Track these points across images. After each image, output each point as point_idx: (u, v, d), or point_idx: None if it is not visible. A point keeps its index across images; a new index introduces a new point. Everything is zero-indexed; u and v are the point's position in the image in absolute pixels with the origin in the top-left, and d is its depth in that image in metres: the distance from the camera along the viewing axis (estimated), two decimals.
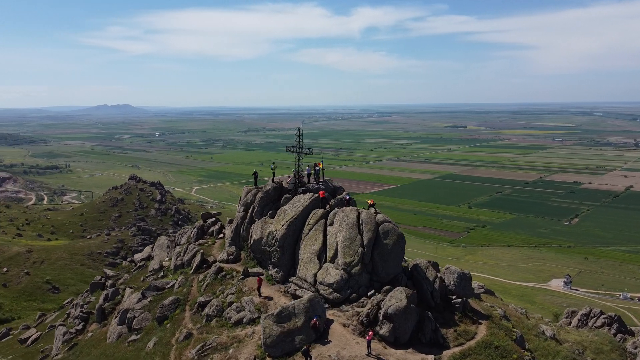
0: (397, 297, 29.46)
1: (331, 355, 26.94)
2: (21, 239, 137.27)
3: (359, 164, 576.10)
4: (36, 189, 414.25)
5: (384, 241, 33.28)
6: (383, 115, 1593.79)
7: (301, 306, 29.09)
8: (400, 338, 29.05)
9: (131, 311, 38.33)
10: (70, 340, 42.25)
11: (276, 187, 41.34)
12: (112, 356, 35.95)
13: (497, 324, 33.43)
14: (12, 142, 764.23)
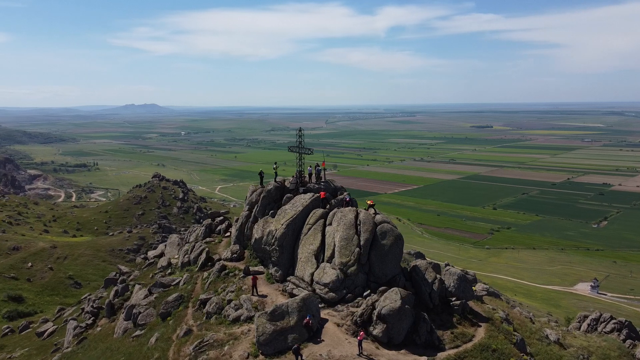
0: (391, 298, 29.39)
1: (322, 355, 27.01)
2: (47, 235, 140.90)
3: (382, 164, 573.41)
4: (65, 186, 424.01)
5: (381, 242, 33.25)
6: (407, 115, 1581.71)
7: (294, 305, 29.25)
8: (394, 339, 28.97)
9: (137, 307, 39.10)
10: (80, 334, 43.39)
11: (278, 187, 41.68)
12: (117, 350, 36.61)
13: (497, 327, 33.00)
14: (44, 141, 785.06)
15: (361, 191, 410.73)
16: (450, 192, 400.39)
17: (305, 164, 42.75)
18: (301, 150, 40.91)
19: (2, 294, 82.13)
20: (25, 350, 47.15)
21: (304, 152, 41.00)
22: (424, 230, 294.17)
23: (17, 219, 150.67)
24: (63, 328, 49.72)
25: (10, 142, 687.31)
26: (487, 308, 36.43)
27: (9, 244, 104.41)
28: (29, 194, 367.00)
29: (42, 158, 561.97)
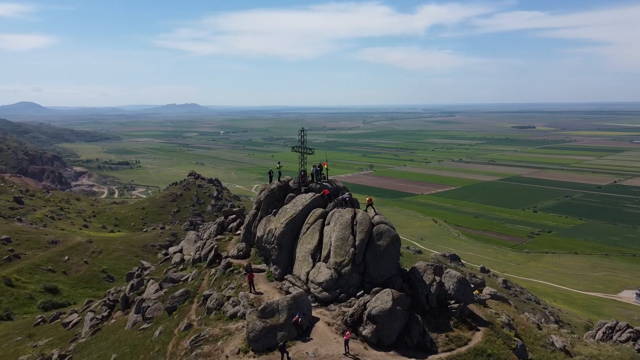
0: (382, 299, 29.30)
1: (308, 353, 27.21)
2: (87, 229, 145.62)
3: (419, 164, 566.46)
4: (108, 183, 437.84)
5: (377, 242, 33.14)
6: (446, 115, 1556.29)
7: (285, 303, 29.56)
8: (384, 340, 28.85)
9: (147, 301, 40.21)
10: (96, 326, 45.09)
11: (281, 186, 42.14)
12: (124, 342, 37.81)
13: (497, 332, 32.30)
14: (90, 139, 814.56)
15: (397, 191, 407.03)
16: (489, 194, 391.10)
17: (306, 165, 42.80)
18: (303, 150, 41.23)
19: (39, 285, 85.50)
20: (49, 340, 48.75)
21: (305, 152, 41.30)
22: (461, 233, 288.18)
23: (59, 214, 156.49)
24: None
25: (58, 141, 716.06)
26: (490, 312, 35.73)
27: (48, 237, 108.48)
28: (74, 190, 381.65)
29: (88, 156, 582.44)
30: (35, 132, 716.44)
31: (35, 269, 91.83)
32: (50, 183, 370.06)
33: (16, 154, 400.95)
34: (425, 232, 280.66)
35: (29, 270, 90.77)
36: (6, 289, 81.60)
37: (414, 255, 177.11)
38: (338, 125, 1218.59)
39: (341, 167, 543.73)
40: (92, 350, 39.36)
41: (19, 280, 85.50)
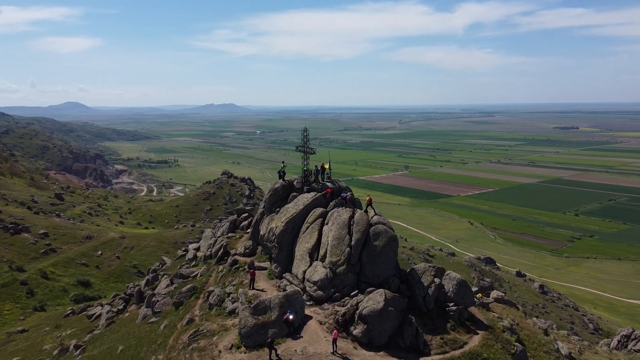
0: (375, 299, 29.25)
1: (297, 350, 27.47)
2: (122, 226, 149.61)
3: (456, 165, 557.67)
4: (147, 181, 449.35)
5: (373, 242, 33.09)
6: (485, 115, 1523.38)
7: (276, 301, 29.91)
8: (375, 340, 28.77)
9: (157, 295, 41.32)
10: (111, 318, 46.67)
11: (285, 186, 42.43)
12: (133, 334, 39.04)
13: (496, 336, 31.76)
14: (131, 138, 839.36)
15: (432, 193, 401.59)
16: (528, 196, 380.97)
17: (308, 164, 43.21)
18: (306, 150, 41.55)
19: (72, 278, 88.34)
20: (72, 331, 50.23)
21: (307, 152, 41.61)
22: (498, 235, 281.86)
23: (96, 210, 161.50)
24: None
25: (101, 139, 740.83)
26: (492, 316, 34.98)
27: (83, 233, 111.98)
28: (115, 187, 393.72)
29: (129, 154, 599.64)
30: (80, 131, 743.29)
31: (70, 263, 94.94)
32: (93, 180, 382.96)
33: (61, 152, 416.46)
34: (460, 234, 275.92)
35: (63, 263, 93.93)
36: (42, 281, 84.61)
37: (446, 258, 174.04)
38: (374, 125, 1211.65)
39: (376, 168, 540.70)
40: (104, 341, 40.75)
41: (54, 273, 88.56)
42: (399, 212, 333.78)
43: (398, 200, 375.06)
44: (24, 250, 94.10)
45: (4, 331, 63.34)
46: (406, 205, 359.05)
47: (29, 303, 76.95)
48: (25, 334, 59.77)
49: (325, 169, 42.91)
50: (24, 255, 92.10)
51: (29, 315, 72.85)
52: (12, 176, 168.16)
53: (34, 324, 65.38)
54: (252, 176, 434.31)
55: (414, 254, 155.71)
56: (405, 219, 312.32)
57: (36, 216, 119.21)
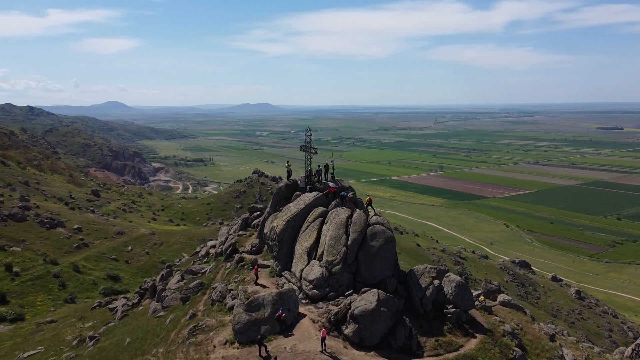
0: (367, 299, 29.21)
1: (286, 348, 27.71)
2: (155, 222, 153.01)
3: (492, 166, 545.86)
4: (183, 179, 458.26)
5: (370, 243, 33.00)
6: (524, 115, 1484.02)
7: (270, 298, 30.24)
8: (366, 340, 28.72)
9: (167, 290, 42.35)
10: (126, 312, 47.89)
11: (289, 185, 42.90)
12: (141, 327, 40.12)
13: (495, 340, 31.24)
14: (168, 137, 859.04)
15: (467, 194, 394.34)
16: (568, 199, 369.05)
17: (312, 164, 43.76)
18: (308, 150, 41.93)
19: (103, 272, 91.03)
20: (94, 322, 51.75)
21: (309, 152, 42.04)
22: (534, 239, 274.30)
23: (130, 207, 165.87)
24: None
25: (140, 138, 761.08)
26: (494, 320, 34.30)
27: (115, 228, 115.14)
28: (152, 185, 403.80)
29: (166, 152, 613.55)
30: (120, 129, 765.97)
31: (101, 257, 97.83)
32: (131, 178, 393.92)
33: (101, 150, 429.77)
34: (495, 237, 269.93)
35: (95, 258, 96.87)
36: (73, 274, 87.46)
37: (479, 260, 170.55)
38: (409, 125, 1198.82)
39: (409, 168, 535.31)
40: (116, 333, 41.99)
41: (85, 267, 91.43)
42: (432, 213, 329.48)
43: (431, 201, 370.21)
44: (58, 244, 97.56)
45: (35, 321, 65.80)
46: (440, 206, 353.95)
47: (61, 295, 79.74)
48: (54, 324, 61.89)
49: (329, 168, 43.02)
50: (58, 249, 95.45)
51: (60, 306, 75.43)
52: (52, 173, 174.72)
53: (63, 315, 67.60)
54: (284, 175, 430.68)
55: (445, 256, 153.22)
56: (438, 220, 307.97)
57: (71, 212, 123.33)
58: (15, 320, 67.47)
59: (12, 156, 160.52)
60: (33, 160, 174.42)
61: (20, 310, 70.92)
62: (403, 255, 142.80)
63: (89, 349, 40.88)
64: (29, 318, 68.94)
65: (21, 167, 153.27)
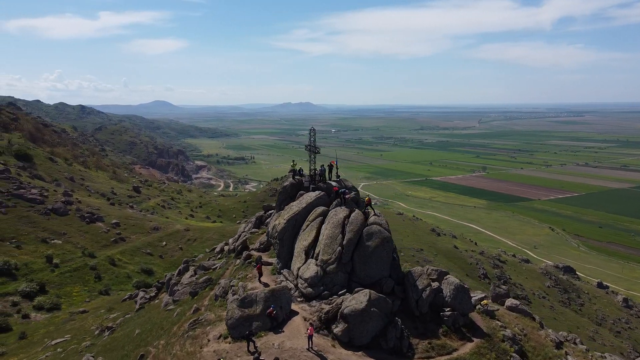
0: (358, 299, 29.12)
1: (274, 344, 28.03)
2: (192, 219, 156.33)
3: (538, 167, 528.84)
4: (225, 177, 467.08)
5: (365, 243, 32.87)
6: (573, 115, 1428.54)
7: (262, 295, 30.64)
8: (355, 340, 28.61)
9: (179, 285, 43.15)
10: (143, 304, 49.02)
11: (294, 184, 43.19)
12: (151, 320, 41.24)
13: (492, 345, 30.52)
14: (211, 135, 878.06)
15: (510, 196, 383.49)
16: (618, 203, 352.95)
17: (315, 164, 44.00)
18: (313, 150, 42.38)
19: (137, 266, 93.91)
20: (119, 313, 53.38)
21: (313, 152, 42.47)
22: (581, 243, 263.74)
23: (169, 203, 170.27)
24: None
25: (184, 136, 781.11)
26: (495, 324, 33.34)
27: (151, 224, 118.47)
28: (195, 182, 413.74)
29: (209, 151, 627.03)
30: (165, 128, 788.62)
31: (136, 252, 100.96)
32: (174, 175, 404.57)
33: (147, 148, 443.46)
34: (539, 241, 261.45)
35: (130, 252, 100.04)
36: (109, 267, 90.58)
37: (519, 264, 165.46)
38: (452, 124, 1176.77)
39: (451, 168, 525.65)
40: (130, 325, 43.55)
41: (120, 261, 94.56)
42: (474, 214, 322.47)
43: (473, 203, 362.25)
44: (97, 238, 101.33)
45: (68, 311, 68.50)
46: (482, 208, 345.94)
47: (96, 287, 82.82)
48: (85, 314, 64.31)
49: (333, 167, 43.15)
50: (96, 243, 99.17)
51: (94, 297, 78.35)
52: (97, 169, 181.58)
53: (95, 306, 70.17)
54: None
55: (483, 259, 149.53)
56: (479, 222, 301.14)
57: (111, 207, 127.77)
58: (51, 310, 70.56)
59: (60, 153, 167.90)
60: (79, 157, 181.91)
61: (57, 300, 74.07)
62: (439, 257, 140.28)
63: (103, 339, 42.37)
64: (64, 308, 71.90)
65: (68, 164, 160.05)
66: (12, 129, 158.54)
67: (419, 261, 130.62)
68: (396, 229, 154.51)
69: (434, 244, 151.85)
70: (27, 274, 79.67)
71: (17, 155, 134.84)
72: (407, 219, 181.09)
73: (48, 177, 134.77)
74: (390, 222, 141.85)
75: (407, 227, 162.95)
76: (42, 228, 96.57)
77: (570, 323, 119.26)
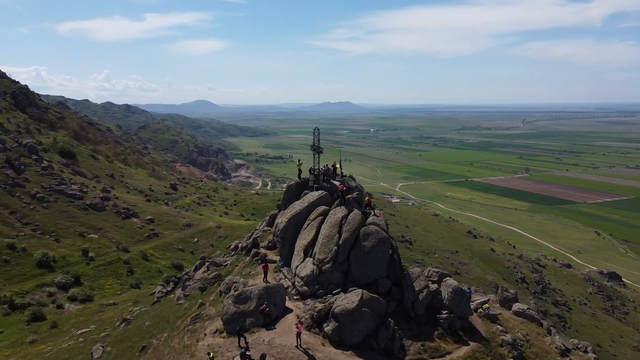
0: (350, 299, 29.10)
1: (264, 340, 28.36)
2: (226, 217, 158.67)
3: (585, 169, 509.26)
4: (263, 175, 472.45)
5: (362, 243, 32.79)
6: (624, 115, 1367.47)
7: (256, 292, 31.02)
8: (346, 339, 28.59)
9: (191, 280, 44.07)
10: (159, 298, 50.69)
11: (299, 183, 43.84)
12: (161, 313, 42.38)
13: (489, 349, 29.92)
14: (251, 134, 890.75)
15: (554, 198, 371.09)
16: None
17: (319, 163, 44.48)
18: (316, 149, 42.86)
19: (168, 261, 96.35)
20: (141, 306, 54.22)
21: (317, 151, 43.01)
22: (629, 249, 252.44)
23: (205, 201, 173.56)
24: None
25: (225, 135, 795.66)
26: (495, 329, 32.53)
27: (185, 220, 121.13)
28: (233, 180, 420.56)
29: (248, 150, 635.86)
30: (206, 127, 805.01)
31: (168, 247, 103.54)
32: (213, 173, 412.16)
33: (188, 146, 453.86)
34: (584, 245, 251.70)
35: (163, 247, 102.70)
36: (141, 262, 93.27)
37: (559, 269, 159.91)
38: (494, 124, 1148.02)
39: (493, 169, 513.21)
40: (144, 317, 44.81)
41: (153, 256, 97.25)
42: (515, 217, 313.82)
43: (515, 205, 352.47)
44: (131, 233, 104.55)
45: (99, 303, 70.84)
46: (524, 210, 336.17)
47: (128, 280, 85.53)
48: (113, 306, 66.44)
49: (337, 168, 43.47)
50: (130, 238, 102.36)
51: (125, 291, 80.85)
52: (137, 167, 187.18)
53: (125, 299, 72.37)
54: (362, 174, 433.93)
55: (521, 263, 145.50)
56: (521, 224, 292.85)
57: (147, 203, 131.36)
58: (84, 301, 73.40)
59: (102, 150, 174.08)
60: (120, 155, 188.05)
61: (90, 292, 76.98)
62: (475, 260, 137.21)
63: (119, 330, 43.59)
64: (96, 300, 74.61)
65: (109, 161, 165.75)
66: (58, 127, 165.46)
67: (454, 263, 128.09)
68: (430, 230, 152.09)
69: (470, 246, 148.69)
70: (64, 266, 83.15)
71: (61, 153, 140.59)
72: (443, 221, 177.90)
73: (89, 174, 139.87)
74: (424, 223, 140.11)
75: (443, 229, 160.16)
76: (80, 222, 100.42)
77: (613, 332, 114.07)
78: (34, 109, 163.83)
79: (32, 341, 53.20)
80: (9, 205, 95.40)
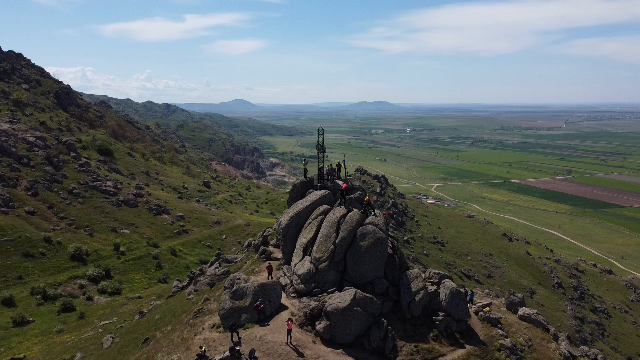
0: (342, 298, 29.24)
1: (256, 336, 28.68)
2: (257, 215, 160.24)
3: (631, 171, 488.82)
4: (298, 174, 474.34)
5: (359, 242, 32.77)
6: None
7: (252, 288, 31.42)
8: (338, 338, 28.68)
9: (202, 276, 44.94)
10: (174, 293, 52.31)
11: (304, 183, 44.06)
12: (172, 307, 43.42)
13: (485, 354, 29.42)
14: (287, 133, 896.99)
15: (597, 201, 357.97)
16: None
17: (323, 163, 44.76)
18: (319, 148, 42.99)
19: (196, 257, 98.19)
20: (161, 302, 55.09)
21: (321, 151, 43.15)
22: None
23: (237, 199, 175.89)
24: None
25: (261, 134, 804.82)
26: (495, 333, 31.77)
27: (214, 218, 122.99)
28: (268, 179, 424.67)
29: (283, 149, 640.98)
30: (243, 126, 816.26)
31: (197, 244, 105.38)
32: (249, 172, 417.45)
33: (224, 144, 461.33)
34: (628, 251, 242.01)
35: (191, 244, 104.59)
36: (170, 257, 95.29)
37: (599, 275, 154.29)
38: (535, 124, 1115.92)
39: (533, 171, 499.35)
40: (157, 311, 45.92)
41: (181, 252, 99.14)
42: (555, 220, 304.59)
43: (555, 207, 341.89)
44: (161, 229, 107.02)
45: (126, 296, 72.73)
46: (565, 214, 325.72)
47: (156, 275, 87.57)
48: (138, 300, 67.94)
49: (341, 168, 43.66)
50: (160, 234, 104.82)
51: (153, 285, 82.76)
52: (172, 164, 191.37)
53: (151, 293, 74.13)
54: (398, 174, 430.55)
55: (558, 267, 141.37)
56: (561, 228, 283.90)
57: (179, 200, 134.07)
58: (113, 294, 75.57)
59: (138, 148, 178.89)
60: (156, 153, 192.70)
61: (119, 286, 79.20)
62: (510, 263, 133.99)
63: (132, 322, 44.65)
64: (124, 293, 76.71)
65: (145, 159, 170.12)
66: (97, 125, 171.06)
67: (487, 266, 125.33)
68: (464, 232, 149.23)
69: (504, 249, 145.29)
70: (96, 260, 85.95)
71: (99, 150, 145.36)
72: (477, 222, 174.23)
73: (125, 171, 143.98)
74: (458, 225, 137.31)
75: (477, 231, 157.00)
76: (113, 218, 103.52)
77: None
78: (75, 107, 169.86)
79: (59, 330, 55.17)
80: (47, 200, 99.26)
